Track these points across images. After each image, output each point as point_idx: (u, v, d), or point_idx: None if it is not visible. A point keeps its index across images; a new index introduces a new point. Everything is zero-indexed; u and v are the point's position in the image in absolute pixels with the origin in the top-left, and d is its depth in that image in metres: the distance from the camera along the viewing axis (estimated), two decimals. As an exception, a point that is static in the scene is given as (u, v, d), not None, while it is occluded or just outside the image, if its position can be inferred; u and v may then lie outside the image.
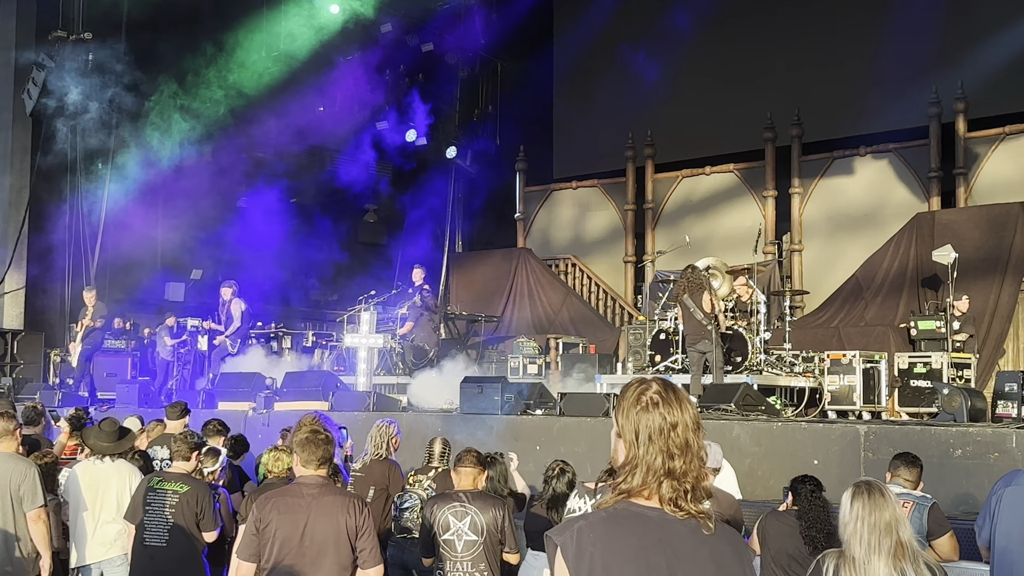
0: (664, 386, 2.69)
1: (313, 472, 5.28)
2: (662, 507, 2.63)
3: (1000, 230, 14.70)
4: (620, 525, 2.61)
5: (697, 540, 2.62)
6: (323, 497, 5.21)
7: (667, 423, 2.63)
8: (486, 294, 20.19)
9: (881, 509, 4.10)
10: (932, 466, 8.20)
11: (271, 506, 5.20)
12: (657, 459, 2.61)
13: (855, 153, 18.09)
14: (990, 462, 8.28)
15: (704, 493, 2.67)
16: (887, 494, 4.17)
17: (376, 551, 5.26)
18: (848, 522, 4.15)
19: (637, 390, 2.69)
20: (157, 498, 6.89)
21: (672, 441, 2.62)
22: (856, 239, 17.49)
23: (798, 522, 5.94)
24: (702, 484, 2.67)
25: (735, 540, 2.75)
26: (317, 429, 5.30)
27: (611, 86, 21.35)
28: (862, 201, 17.95)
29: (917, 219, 15.89)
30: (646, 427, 2.63)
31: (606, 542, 2.58)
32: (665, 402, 2.65)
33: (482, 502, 6.32)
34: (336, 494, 5.31)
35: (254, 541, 5.18)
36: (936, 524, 6.00)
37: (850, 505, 4.17)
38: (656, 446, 2.62)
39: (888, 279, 15.79)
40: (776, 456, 9.40)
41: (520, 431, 10.98)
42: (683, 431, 2.63)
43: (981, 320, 14.00)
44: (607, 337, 18.01)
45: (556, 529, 2.66)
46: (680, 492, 2.62)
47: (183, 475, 7.04)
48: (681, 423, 2.64)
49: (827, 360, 13.27)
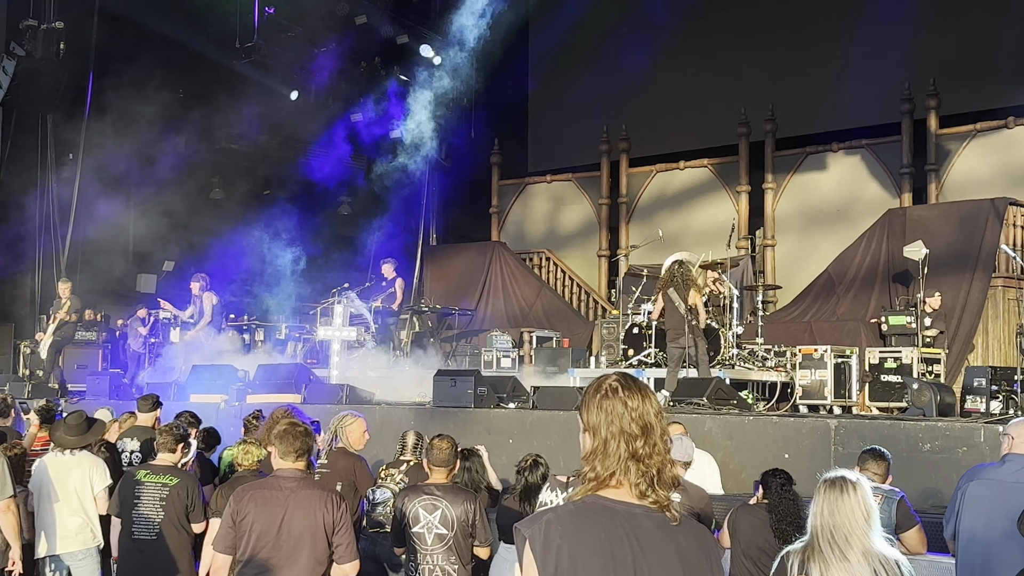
0: (623, 376, 2.78)
1: (291, 465, 5.26)
2: (630, 499, 2.66)
3: (971, 226, 14.81)
4: (588, 518, 2.64)
5: (664, 535, 2.65)
6: (301, 491, 5.20)
7: (627, 407, 2.69)
8: (460, 287, 20.17)
9: (853, 502, 4.13)
10: (901, 460, 8.27)
11: (248, 498, 5.19)
12: (621, 442, 2.67)
13: (828, 149, 18.19)
14: (958, 456, 8.35)
15: (671, 479, 2.71)
16: (859, 487, 4.20)
17: (352, 546, 5.26)
18: (819, 514, 4.17)
19: (597, 382, 2.78)
20: (146, 491, 6.84)
21: (634, 423, 2.68)
22: (828, 234, 17.59)
23: (768, 515, 5.97)
24: (668, 470, 2.71)
25: (702, 536, 2.77)
26: (295, 422, 5.29)
27: (586, 80, 21.37)
28: (834, 197, 18.05)
29: (889, 215, 15.99)
30: (608, 412, 2.69)
31: (573, 534, 2.60)
32: (624, 387, 2.73)
33: (453, 495, 6.32)
34: (314, 488, 5.30)
35: (230, 533, 5.16)
36: (904, 517, 6.06)
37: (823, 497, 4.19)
38: (617, 426, 2.68)
39: (860, 274, 15.88)
40: (747, 450, 9.45)
41: (493, 424, 10.98)
42: (643, 414, 2.70)
43: (951, 316, 14.10)
44: (581, 331, 18.04)
45: (525, 521, 2.68)
46: (647, 476, 2.66)
47: (171, 467, 7.02)
48: (641, 407, 2.70)
49: (799, 355, 13.35)
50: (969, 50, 17.14)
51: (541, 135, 22.88)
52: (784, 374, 13.30)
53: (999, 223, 14.57)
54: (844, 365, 13.15)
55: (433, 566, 6.18)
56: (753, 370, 13.41)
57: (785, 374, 13.31)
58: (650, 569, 2.60)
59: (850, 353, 13.25)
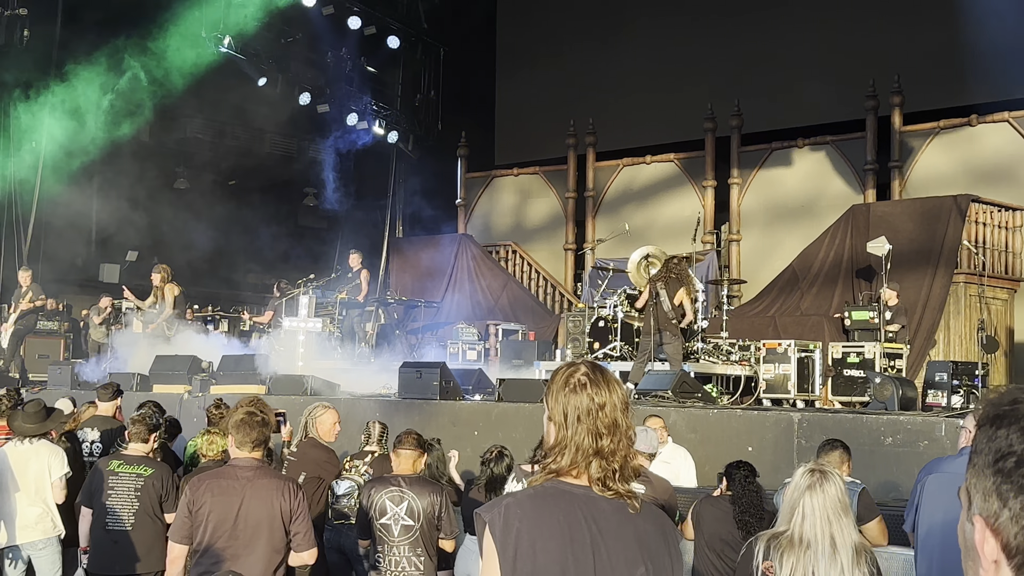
0: (592, 368, 2.77)
1: (248, 454, 5.25)
2: (590, 486, 2.68)
3: (933, 223, 14.95)
4: (547, 502, 2.66)
5: (622, 518, 2.68)
6: (258, 480, 5.19)
7: (595, 404, 2.69)
8: (426, 280, 20.15)
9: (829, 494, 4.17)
10: (863, 453, 8.36)
11: (205, 488, 5.18)
12: (586, 439, 2.67)
13: (793, 145, 18.30)
14: (920, 450, 8.44)
15: (632, 473, 2.74)
16: (835, 480, 4.24)
17: (310, 535, 5.26)
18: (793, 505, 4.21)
19: (565, 373, 2.76)
20: (120, 481, 6.80)
21: (600, 421, 2.68)
22: (793, 230, 17.70)
23: (732, 507, 6.02)
24: (631, 464, 2.73)
25: (661, 520, 2.81)
26: (253, 411, 5.28)
27: (553, 74, 21.40)
28: (799, 192, 18.17)
29: (853, 211, 16.11)
30: (574, 408, 2.69)
31: (532, 518, 2.63)
32: (593, 383, 2.72)
33: (420, 487, 6.32)
34: (271, 477, 5.29)
35: (186, 523, 5.15)
36: (865, 509, 6.12)
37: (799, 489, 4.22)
38: (584, 426, 2.68)
39: (824, 270, 15.99)
40: (711, 443, 9.51)
41: (458, 416, 10.99)
42: (611, 411, 2.70)
43: (913, 311, 14.24)
44: (547, 324, 18.07)
45: (485, 507, 2.71)
46: (608, 472, 2.68)
47: (144, 457, 6.98)
48: (609, 403, 2.70)
49: (763, 349, 13.44)
50: (933, 48, 17.30)
51: (508, 128, 22.87)
52: (748, 368, 13.39)
53: (961, 220, 14.71)
54: (808, 359, 13.26)
55: (400, 558, 6.17)
56: (718, 364, 13.49)
57: (749, 368, 13.39)
58: (608, 552, 2.63)
59: (813, 348, 13.36)
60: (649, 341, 12.46)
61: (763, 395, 13.14)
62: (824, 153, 18.02)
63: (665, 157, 19.69)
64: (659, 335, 12.32)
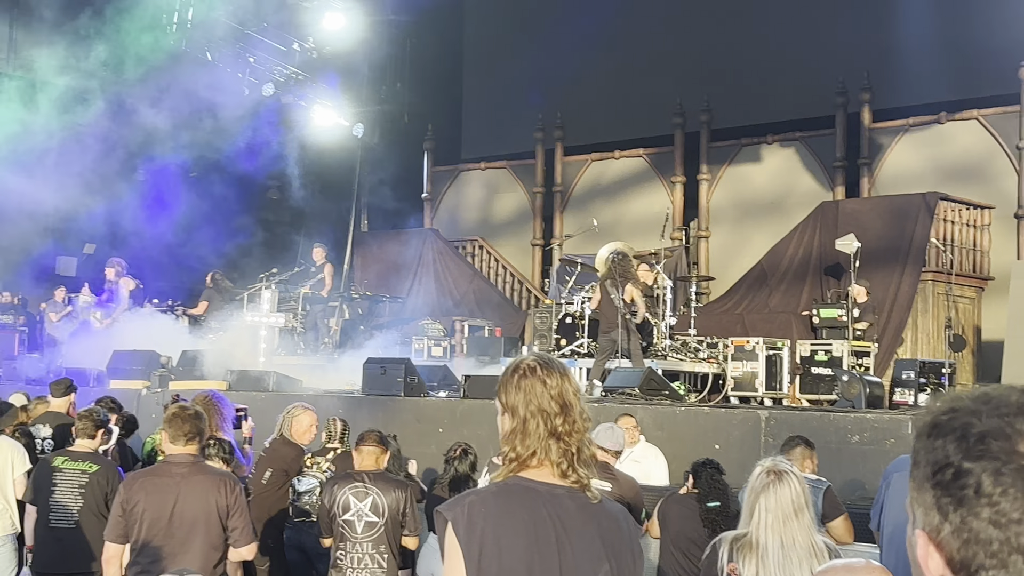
0: (539, 357, 2.85)
1: (181, 449, 5.22)
2: (552, 479, 2.71)
3: (902, 220, 15.07)
4: (511, 499, 2.68)
5: (586, 516, 2.71)
6: (192, 476, 5.17)
7: (546, 386, 2.74)
8: (391, 275, 20.10)
9: (790, 493, 4.18)
10: (830, 451, 8.41)
11: (138, 486, 5.16)
12: (540, 422, 2.71)
13: (763, 141, 18.39)
14: (886, 448, 8.51)
15: (590, 457, 2.77)
16: (795, 478, 4.25)
17: (248, 529, 5.25)
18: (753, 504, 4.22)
19: (514, 364, 2.85)
20: (65, 478, 6.71)
21: (552, 402, 2.73)
22: (762, 226, 17.79)
23: (698, 505, 6.05)
24: (587, 448, 2.77)
25: (622, 516, 2.83)
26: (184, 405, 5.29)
27: (521, 67, 21.36)
28: (769, 189, 18.26)
29: (822, 208, 16.22)
30: (526, 392, 2.75)
31: (497, 516, 2.64)
32: (542, 367, 2.78)
33: (384, 483, 6.30)
34: (206, 472, 5.27)
35: (121, 522, 5.13)
36: (831, 507, 6.17)
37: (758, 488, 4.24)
38: (536, 405, 2.72)
39: (792, 267, 16.10)
40: (678, 440, 9.54)
41: (423, 413, 10.98)
42: (562, 392, 2.74)
43: (881, 309, 14.35)
44: (513, 320, 18.09)
45: (447, 504, 2.70)
46: (568, 455, 2.71)
47: (91, 454, 6.88)
48: (559, 386, 2.75)
49: (731, 346, 13.51)
50: (903, 45, 17.41)
51: (475, 121, 22.84)
52: (716, 365, 13.46)
53: (930, 218, 14.85)
54: (776, 357, 13.33)
55: (363, 555, 6.15)
56: (685, 361, 13.55)
57: (717, 365, 13.47)
58: (573, 549, 2.65)
59: (781, 345, 13.44)
60: (607, 340, 12.61)
61: (731, 393, 13.21)
62: (794, 150, 18.13)
63: (634, 152, 19.75)
64: (615, 332, 12.42)
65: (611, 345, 12.50)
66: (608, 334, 12.60)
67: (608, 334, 12.60)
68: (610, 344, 12.52)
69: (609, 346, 12.55)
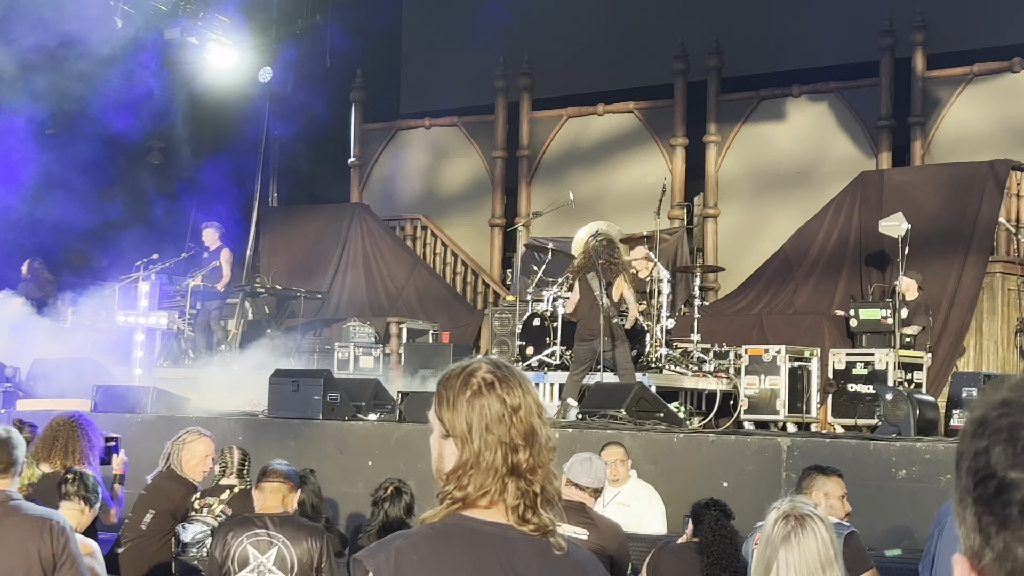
0: (495, 364, 2.74)
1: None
2: (505, 520, 2.65)
3: (964, 196, 15.14)
4: (451, 544, 2.64)
5: (546, 565, 2.66)
6: (7, 519, 5.12)
7: (507, 408, 2.65)
8: (308, 263, 20.04)
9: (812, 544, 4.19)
10: (870, 490, 8.47)
11: None
12: (498, 454, 2.63)
13: (787, 93, 18.42)
14: (940, 486, 8.55)
15: (555, 496, 2.72)
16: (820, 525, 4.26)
17: None
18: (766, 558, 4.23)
19: (463, 373, 2.72)
20: None
21: (515, 429, 2.65)
22: (786, 203, 17.85)
23: (699, 557, 6.07)
24: (552, 485, 2.72)
25: (592, 567, 2.81)
26: None
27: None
28: (795, 154, 18.31)
29: (862, 179, 16.28)
30: (481, 415, 2.65)
31: (433, 565, 2.61)
32: (502, 382, 2.68)
33: (293, 529, 6.27)
34: (25, 514, 5.22)
35: None
36: (855, 559, 6.16)
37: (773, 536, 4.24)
38: (495, 437, 2.64)
39: (824, 255, 16.15)
40: (676, 476, 9.57)
41: (347, 441, 10.96)
42: (527, 415, 2.67)
43: (937, 309, 14.41)
44: (465, 322, 18.09)
45: (368, 550, 2.68)
46: (528, 496, 2.64)
47: None
48: (524, 406, 2.67)
49: (745, 357, 13.55)
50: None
51: (418, 65, 22.78)
52: (726, 381, 13.50)
53: (999, 192, 14.91)
54: (802, 371, 13.39)
55: (265, 624, 6.13)
56: (687, 375, 13.58)
57: (727, 381, 13.51)
58: None
59: (810, 355, 13.50)
60: (586, 348, 12.54)
61: (744, 416, 13.26)
62: (827, 104, 18.19)
63: (623, 106, 19.75)
64: (598, 341, 12.34)
65: (591, 355, 12.47)
66: (588, 341, 12.55)
67: (588, 341, 12.55)
68: (590, 354, 12.48)
69: (589, 356, 12.51)
